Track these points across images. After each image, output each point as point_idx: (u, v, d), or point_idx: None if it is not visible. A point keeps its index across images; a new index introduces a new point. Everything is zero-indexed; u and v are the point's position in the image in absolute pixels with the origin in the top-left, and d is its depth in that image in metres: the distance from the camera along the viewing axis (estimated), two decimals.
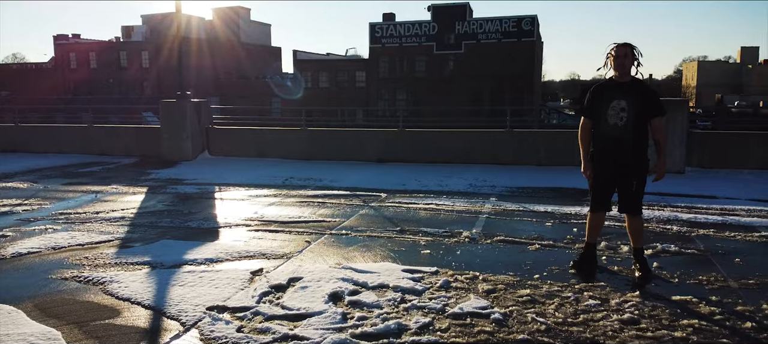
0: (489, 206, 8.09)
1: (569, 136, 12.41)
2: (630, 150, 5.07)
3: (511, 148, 12.12)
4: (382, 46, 59.85)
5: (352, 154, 12.96)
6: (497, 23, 57.12)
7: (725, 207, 7.99)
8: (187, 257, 5.81)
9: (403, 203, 8.35)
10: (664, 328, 4.02)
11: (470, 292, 4.75)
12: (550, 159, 11.80)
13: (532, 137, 12.31)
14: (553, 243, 6.24)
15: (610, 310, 4.35)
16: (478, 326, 4.10)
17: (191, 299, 4.68)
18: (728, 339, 3.84)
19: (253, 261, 5.67)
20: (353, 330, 4.05)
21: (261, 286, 4.95)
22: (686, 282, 4.98)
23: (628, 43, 5.07)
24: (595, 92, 5.21)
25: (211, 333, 4.06)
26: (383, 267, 5.42)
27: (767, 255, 5.78)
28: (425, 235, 6.56)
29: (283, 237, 6.54)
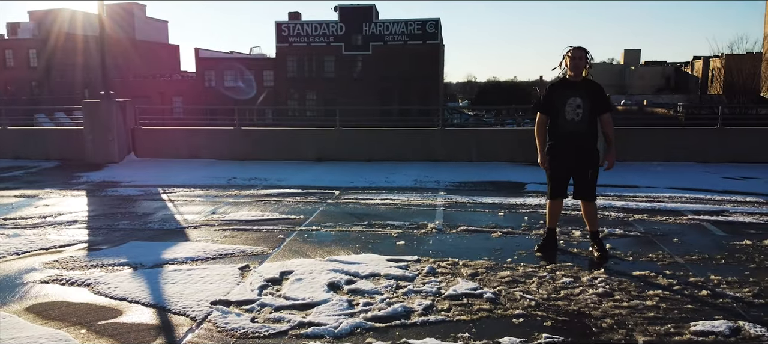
0: (441, 200, 8.53)
1: (496, 134, 13.19)
2: (586, 143, 5.65)
3: (444, 145, 12.68)
4: (289, 46, 59.44)
5: (289, 153, 13.03)
6: (403, 25, 58.33)
7: (650, 195, 8.89)
8: (165, 257, 5.80)
9: (360, 199, 8.62)
10: (636, 298, 4.58)
11: (456, 276, 5.12)
12: (480, 156, 12.47)
13: (463, 135, 12.95)
14: (512, 230, 6.75)
15: (585, 286, 4.87)
16: (475, 305, 4.48)
17: (190, 295, 4.74)
18: (691, 305, 4.45)
19: (235, 258, 5.76)
20: (364, 314, 4.31)
21: (256, 281, 5.08)
22: (640, 260, 5.61)
23: (582, 46, 5.65)
24: (552, 91, 5.75)
25: (226, 324, 4.18)
26: (367, 257, 5.69)
27: (699, 235, 6.57)
28: (394, 228, 6.88)
29: (255, 235, 6.63)
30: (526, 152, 12.43)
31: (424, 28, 58.00)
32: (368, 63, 58.55)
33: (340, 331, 4.04)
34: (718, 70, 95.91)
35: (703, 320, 4.14)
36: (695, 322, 4.10)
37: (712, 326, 4.02)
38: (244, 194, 9.14)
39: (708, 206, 8.03)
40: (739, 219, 7.26)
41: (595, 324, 4.12)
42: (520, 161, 12.36)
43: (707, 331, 3.95)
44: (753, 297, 4.58)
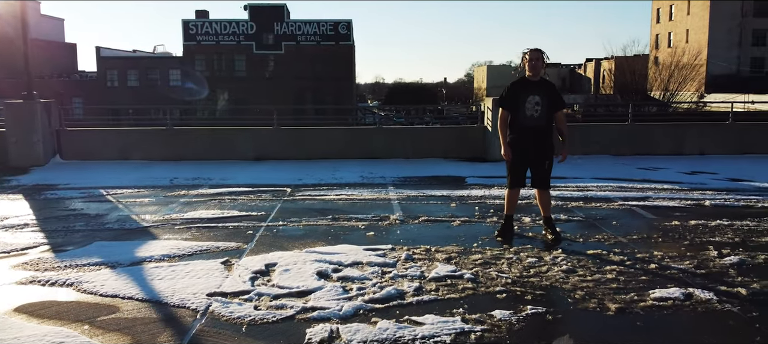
0: (393, 194, 8.90)
1: (430, 132, 13.75)
2: (543, 136, 6.21)
3: (382, 143, 13.07)
4: (197, 44, 57.95)
5: (226, 153, 12.95)
6: (315, 26, 58.41)
7: (579, 185, 9.68)
8: (140, 255, 5.80)
9: (315, 196, 8.83)
10: (597, 273, 5.13)
11: (433, 261, 5.50)
12: (416, 153, 12.97)
13: (399, 133, 13.41)
14: (468, 219, 7.22)
15: (550, 264, 5.39)
16: (459, 284, 4.88)
17: (183, 289, 4.83)
18: (645, 277, 5.06)
19: (212, 254, 5.84)
20: (361, 297, 4.59)
21: (243, 273, 5.22)
22: (589, 241, 6.23)
23: (539, 49, 6.21)
24: (513, 88, 6.27)
25: (231, 314, 4.33)
26: (344, 248, 5.95)
27: (633, 218, 7.32)
28: (359, 220, 7.17)
29: (222, 232, 6.71)
30: (457, 148, 13.09)
31: (336, 29, 58.33)
32: (281, 63, 58.13)
33: (345, 313, 4.30)
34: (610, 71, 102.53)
35: (659, 288, 4.74)
36: (653, 290, 4.70)
37: (668, 293, 4.62)
38: (194, 194, 9.09)
39: (633, 194, 8.89)
40: (663, 204, 8.13)
41: (569, 296, 4.62)
42: (452, 158, 12.96)
43: (665, 297, 4.54)
44: (694, 268, 5.26)
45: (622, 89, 59.22)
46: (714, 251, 5.76)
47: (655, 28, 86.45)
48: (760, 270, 5.17)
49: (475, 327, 4.04)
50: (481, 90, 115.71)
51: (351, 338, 3.88)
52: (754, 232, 6.49)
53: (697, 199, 8.39)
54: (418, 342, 3.82)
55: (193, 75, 56.54)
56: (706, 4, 73.00)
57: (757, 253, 5.66)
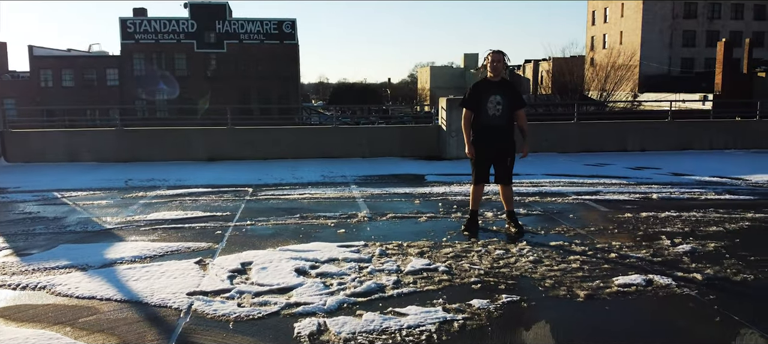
0: (357, 192, 9.02)
1: (386, 131, 13.91)
2: (505, 135, 6.47)
3: (339, 143, 13.15)
4: (135, 43, 56.42)
5: (179, 153, 12.76)
6: (259, 25, 57.79)
7: (532, 181, 10.04)
8: (110, 257, 5.72)
9: (278, 195, 8.85)
10: (562, 263, 5.40)
11: (407, 255, 5.66)
12: (373, 152, 13.12)
13: (356, 132, 13.52)
14: (434, 215, 7.42)
15: (517, 256, 5.63)
16: (435, 276, 5.05)
17: (161, 289, 4.81)
18: (607, 265, 5.36)
19: (184, 254, 5.81)
20: (343, 292, 4.70)
21: (220, 272, 5.24)
22: (550, 233, 6.53)
23: (501, 50, 6.46)
24: (475, 89, 6.50)
25: (215, 311, 4.36)
26: (317, 245, 6.03)
27: (588, 211, 7.69)
28: (327, 218, 7.25)
29: (190, 233, 6.67)
30: (413, 147, 13.32)
31: (280, 28, 57.88)
32: (224, 62, 57.26)
33: (329, 307, 4.40)
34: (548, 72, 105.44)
35: (621, 276, 5.04)
36: (616, 278, 4.99)
37: (631, 280, 4.93)
38: (153, 195, 8.95)
39: (585, 188, 9.31)
40: (614, 198, 8.55)
41: (540, 285, 4.86)
42: (408, 156, 13.18)
43: (628, 284, 4.84)
44: (651, 256, 5.61)
45: (561, 90, 61.20)
46: (667, 240, 6.14)
47: (590, 30, 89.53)
48: (711, 257, 5.56)
49: (456, 315, 4.22)
50: (424, 91, 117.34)
51: (340, 330, 3.99)
52: (701, 222, 6.94)
53: (645, 192, 8.87)
54: (404, 332, 3.96)
55: (165, 75, 54.99)
56: (639, 6, 76.16)
57: (706, 242, 6.07)
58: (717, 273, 5.09)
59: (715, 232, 6.49)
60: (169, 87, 53.21)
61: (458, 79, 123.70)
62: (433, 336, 3.90)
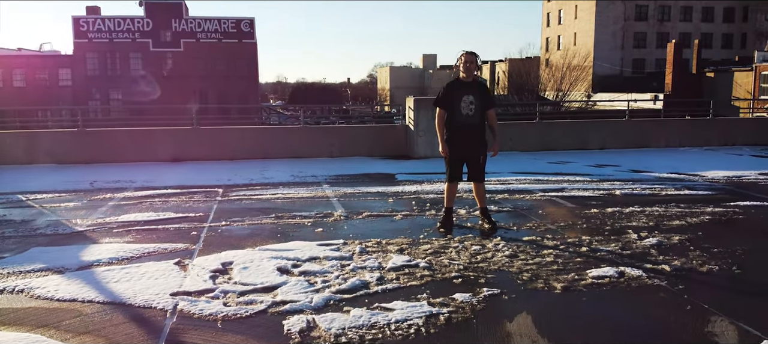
0: (330, 192, 9.06)
1: (354, 131, 13.97)
2: (478, 133, 6.63)
3: (307, 143, 13.15)
4: (89, 42, 55.01)
5: (142, 154, 12.53)
6: (216, 23, 57.07)
7: (499, 178, 10.25)
8: (87, 259, 5.64)
9: (250, 195, 8.82)
10: (537, 257, 5.59)
11: (387, 253, 5.75)
12: (341, 151, 13.17)
13: (324, 132, 13.54)
14: (408, 213, 7.53)
15: (493, 251, 5.79)
16: (417, 272, 5.16)
17: (144, 290, 4.79)
18: (580, 258, 5.57)
19: (162, 255, 5.77)
20: (328, 289, 4.76)
21: (201, 273, 5.23)
22: (522, 228, 6.72)
23: (473, 52, 6.62)
24: (449, 89, 6.64)
25: (201, 311, 4.37)
26: (297, 244, 6.07)
27: (556, 207, 7.93)
28: (303, 218, 7.29)
29: (165, 234, 6.62)
30: (381, 146, 13.42)
31: (239, 27, 57.25)
32: (180, 61, 56.28)
33: (316, 304, 4.46)
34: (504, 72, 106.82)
35: (594, 268, 5.25)
36: (589, 270, 5.19)
37: (604, 272, 5.13)
38: (121, 197, 8.81)
39: (550, 185, 9.57)
40: (579, 194, 8.82)
41: (518, 278, 5.02)
42: (377, 156, 13.27)
43: (602, 275, 5.05)
44: (620, 249, 5.85)
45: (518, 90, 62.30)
46: (634, 234, 6.40)
47: (545, 32, 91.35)
48: (677, 250, 5.83)
49: (441, 309, 4.33)
50: (384, 91, 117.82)
51: (329, 326, 4.05)
52: (664, 217, 7.24)
53: (608, 189, 9.18)
54: (393, 326, 4.05)
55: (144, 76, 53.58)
56: (592, 8, 78.10)
57: (671, 235, 6.35)
58: (683, 265, 5.34)
59: (679, 226, 6.79)
60: (149, 89, 51.89)
61: (418, 80, 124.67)
62: (421, 330, 4.00)
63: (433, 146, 12.86)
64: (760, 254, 5.75)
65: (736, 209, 7.67)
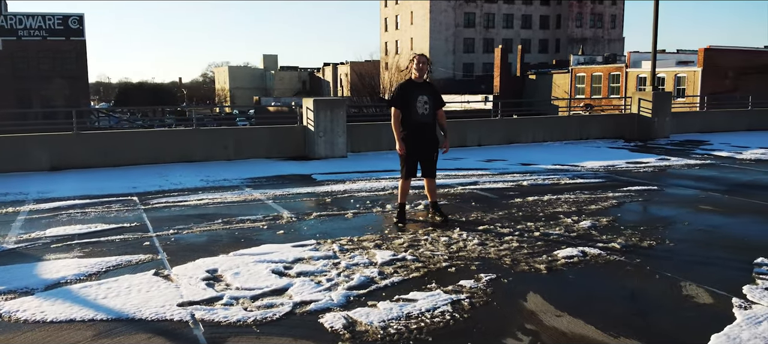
0: (259, 194, 8.90)
1: (250, 132, 13.65)
2: (432, 131, 7.02)
3: (201, 145, 12.62)
4: None
5: (13, 163, 11.20)
6: (41, 20, 51.70)
7: None
8: (47, 277, 5.15)
9: (175, 202, 8.38)
10: (504, 244, 6.08)
11: (366, 249, 5.91)
12: (238, 154, 12.84)
13: (219, 134, 13.07)
14: (356, 212, 7.69)
15: (463, 240, 6.18)
16: (411, 265, 5.39)
17: (143, 304, 4.52)
18: (539, 242, 6.16)
19: (129, 268, 5.43)
20: (340, 287, 4.84)
21: (192, 281, 5.03)
22: (470, 220, 7.21)
23: (424, 54, 7.02)
24: (403, 89, 6.96)
25: (227, 318, 4.25)
26: (271, 248, 5.99)
27: (482, 199, 8.54)
28: (253, 222, 7.15)
29: (114, 246, 6.17)
30: (279, 148, 13.31)
31: (66, 23, 52.36)
32: None
33: (339, 302, 4.54)
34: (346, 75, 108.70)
35: (558, 250, 5.85)
36: (555, 252, 5.79)
37: (569, 252, 5.75)
38: (27, 210, 7.93)
39: (463, 180, 10.21)
40: (495, 186, 9.55)
41: (501, 263, 5.47)
42: (275, 157, 13.13)
43: (570, 255, 5.65)
44: (566, 233, 6.56)
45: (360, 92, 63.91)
46: (567, 218, 7.17)
47: (384, 36, 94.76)
48: (611, 230, 6.66)
49: (459, 295, 4.64)
50: (224, 91, 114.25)
51: (370, 320, 4.17)
52: (580, 202, 8.16)
53: (516, 181, 10.04)
54: (427, 314, 4.28)
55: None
56: (426, 15, 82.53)
57: (597, 218, 7.21)
58: (627, 242, 6.15)
59: (597, 210, 7.72)
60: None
61: (259, 80, 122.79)
62: (455, 315, 4.27)
63: (333, 146, 13.12)
64: (677, 229, 6.75)
65: (632, 193, 8.85)
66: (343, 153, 13.31)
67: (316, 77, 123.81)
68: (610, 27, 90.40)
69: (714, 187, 9.48)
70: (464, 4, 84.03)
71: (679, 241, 6.22)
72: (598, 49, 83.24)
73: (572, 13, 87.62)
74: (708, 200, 8.43)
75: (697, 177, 10.49)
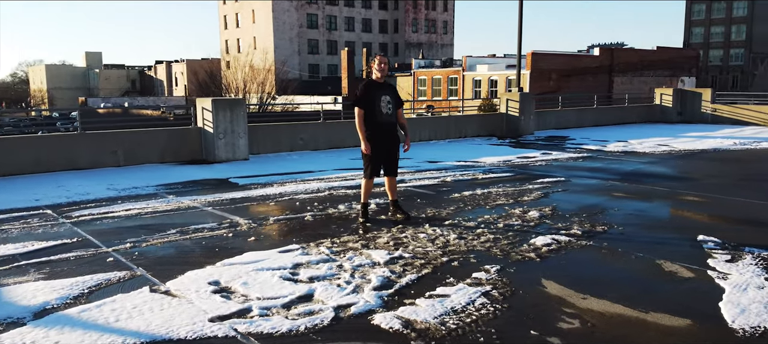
0: (187, 201, 8.33)
1: (141, 135, 12.58)
2: (395, 131, 7.13)
3: (87, 151, 11.42)
4: None
5: None
6: None
7: (322, 177, 10.67)
8: (31, 304, 4.50)
9: (100, 214, 7.58)
10: (481, 237, 6.35)
11: (357, 250, 5.88)
12: (128, 159, 11.83)
13: (106, 138, 11.86)
14: (313, 215, 7.51)
15: (444, 236, 6.33)
16: (415, 262, 5.47)
17: (167, 324, 4.16)
18: (510, 233, 6.55)
19: (120, 285, 4.91)
20: (366, 289, 4.81)
21: (203, 295, 4.71)
22: (428, 215, 7.43)
23: (386, 56, 7.11)
24: (367, 89, 6.99)
25: (274, 329, 4.07)
26: (256, 255, 5.71)
27: (424, 196, 8.79)
28: (212, 231, 6.73)
29: (74, 265, 5.50)
30: (174, 152, 12.50)
31: None
32: None
33: (376, 304, 4.51)
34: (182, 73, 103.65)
35: (532, 238, 6.27)
36: (531, 240, 6.20)
37: (544, 241, 6.18)
38: None
39: None
40: (425, 183, 9.85)
41: (494, 254, 5.75)
42: (169, 162, 12.32)
43: (547, 244, 6.09)
44: (526, 223, 7.02)
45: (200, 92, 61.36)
46: (516, 209, 7.67)
47: (224, 34, 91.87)
48: (559, 218, 7.26)
49: (484, 287, 4.83)
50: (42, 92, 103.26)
51: (423, 318, 4.22)
52: (512, 194, 8.72)
53: (438, 177, 10.43)
54: (469, 308, 4.42)
55: None
56: (269, 14, 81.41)
57: (540, 208, 7.79)
58: (584, 229, 6.74)
59: (533, 200, 8.33)
60: None
61: (81, 80, 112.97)
62: (496, 305, 4.47)
63: (234, 148, 12.63)
64: (614, 215, 7.46)
65: (548, 184, 9.64)
66: (245, 155, 12.83)
67: (147, 76, 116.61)
68: (443, 33, 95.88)
69: (609, 176, 10.63)
70: (306, 6, 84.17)
71: (625, 225, 6.95)
72: (432, 53, 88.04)
73: (408, 19, 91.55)
74: (615, 189, 9.45)
75: (588, 168, 11.67)
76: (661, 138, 17.51)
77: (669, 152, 14.23)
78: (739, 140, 16.79)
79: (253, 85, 53.46)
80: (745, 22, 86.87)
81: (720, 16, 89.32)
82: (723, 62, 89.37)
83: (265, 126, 14.42)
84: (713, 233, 6.45)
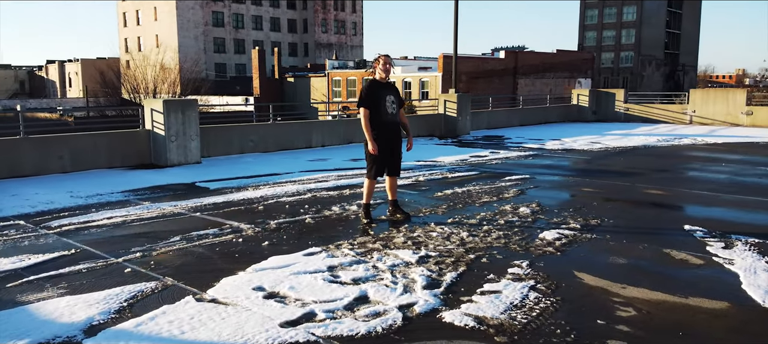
0: (168, 208, 7.95)
1: (90, 139, 11.75)
2: (398, 131, 7.18)
3: (30, 156, 10.56)
4: None
5: None
6: None
7: (291, 179, 10.52)
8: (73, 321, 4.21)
9: (82, 224, 7.09)
10: (490, 235, 6.53)
11: (381, 251, 5.90)
12: (76, 165, 11.08)
13: (51, 142, 11.00)
14: (313, 217, 7.40)
15: (452, 234, 6.48)
16: (445, 260, 5.57)
17: (237, 333, 4.03)
18: (517, 228, 6.78)
19: (153, 299, 4.67)
20: (418, 289, 4.85)
21: (256, 301, 4.58)
22: (425, 215, 7.53)
23: (389, 55, 7.13)
24: (372, 89, 6.99)
25: (353, 331, 4.04)
26: (282, 260, 5.60)
27: (402, 196, 8.86)
28: (216, 237, 6.51)
29: (93, 277, 5.17)
30: (122, 156, 11.86)
31: None
32: None
33: (436, 302, 4.57)
34: (77, 73, 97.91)
35: (541, 233, 6.55)
36: (541, 235, 6.47)
37: (553, 235, 6.47)
38: None
39: (352, 181, 10.39)
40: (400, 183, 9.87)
41: (513, 249, 5.96)
42: (118, 166, 11.68)
43: (558, 237, 6.39)
44: (520, 219, 7.29)
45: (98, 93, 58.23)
46: (506, 206, 7.95)
47: (123, 32, 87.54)
48: (550, 213, 7.59)
49: (528, 281, 5.02)
50: None
51: (492, 315, 4.34)
52: (490, 192, 8.98)
53: (411, 177, 10.53)
54: (528, 301, 4.59)
55: None
56: (173, 11, 78.37)
57: (526, 204, 8.10)
58: (580, 223, 7.09)
59: (514, 197, 8.64)
60: None
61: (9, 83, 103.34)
62: (550, 299, 4.66)
63: (186, 151, 12.18)
64: (599, 209, 7.90)
65: (518, 182, 10.01)
66: (197, 158, 12.36)
67: (38, 76, 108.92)
68: (352, 34, 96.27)
69: (567, 173, 11.21)
70: (212, 3, 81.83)
71: (615, 218, 7.38)
72: (343, 54, 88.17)
73: (318, 19, 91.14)
74: (581, 184, 9.98)
75: (543, 165, 12.22)
76: (590, 136, 18.59)
77: (604, 149, 15.15)
78: (661, 137, 18.17)
79: (163, 85, 51.26)
80: (634, 26, 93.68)
81: (611, 20, 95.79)
82: (614, 64, 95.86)
83: (216, 128, 13.94)
84: (696, 224, 7.00)
